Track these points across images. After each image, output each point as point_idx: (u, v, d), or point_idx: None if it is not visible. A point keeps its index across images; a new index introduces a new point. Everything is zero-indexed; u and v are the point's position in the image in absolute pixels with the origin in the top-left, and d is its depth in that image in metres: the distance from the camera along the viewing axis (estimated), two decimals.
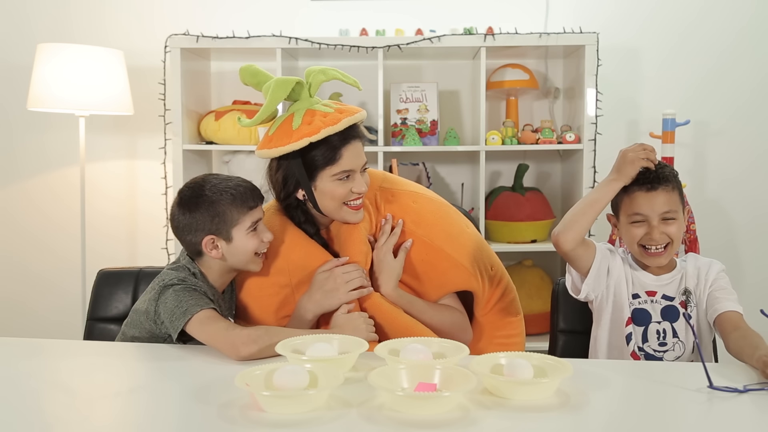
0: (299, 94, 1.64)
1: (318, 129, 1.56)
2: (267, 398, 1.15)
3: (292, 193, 1.65)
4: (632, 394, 1.30)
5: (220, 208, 1.57)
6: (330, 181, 1.60)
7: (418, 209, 1.71)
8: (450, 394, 1.15)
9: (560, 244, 1.63)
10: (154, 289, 1.57)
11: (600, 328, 1.70)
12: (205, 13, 3.22)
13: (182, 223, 1.60)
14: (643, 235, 1.62)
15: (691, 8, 3.14)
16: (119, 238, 3.31)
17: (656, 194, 1.61)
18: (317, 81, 1.65)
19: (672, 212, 1.62)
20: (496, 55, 3.03)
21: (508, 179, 3.20)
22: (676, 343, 1.63)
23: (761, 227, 3.19)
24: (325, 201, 1.62)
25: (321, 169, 1.59)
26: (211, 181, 1.61)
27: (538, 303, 2.93)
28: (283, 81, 1.61)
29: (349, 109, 1.63)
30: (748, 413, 1.19)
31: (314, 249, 1.66)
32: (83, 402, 1.24)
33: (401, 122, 3.02)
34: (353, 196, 1.62)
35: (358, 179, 1.62)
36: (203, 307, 1.50)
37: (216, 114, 2.97)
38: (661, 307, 1.65)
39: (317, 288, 1.60)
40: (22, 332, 3.24)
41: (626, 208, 1.65)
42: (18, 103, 3.20)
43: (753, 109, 3.16)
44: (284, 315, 1.65)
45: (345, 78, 1.68)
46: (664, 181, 1.61)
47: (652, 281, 1.67)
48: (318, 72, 1.65)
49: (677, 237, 1.63)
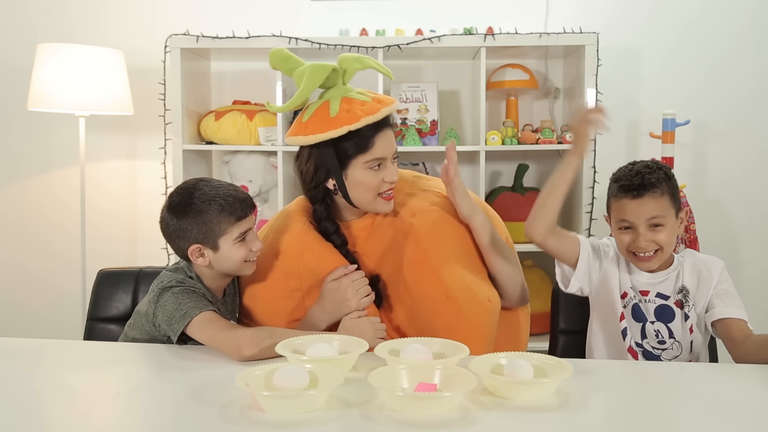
0: (333, 81, 1.61)
1: (358, 117, 1.54)
2: (267, 398, 1.15)
3: (322, 182, 1.62)
4: (632, 394, 1.30)
5: (207, 217, 1.54)
6: (362, 170, 1.58)
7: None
8: (450, 395, 1.15)
9: (531, 236, 1.63)
10: (154, 292, 1.57)
11: (595, 322, 1.70)
12: (205, 13, 3.22)
13: (171, 228, 1.58)
14: (630, 241, 1.60)
15: (691, 8, 3.14)
16: (119, 238, 3.31)
17: (642, 201, 1.58)
18: (353, 69, 1.63)
19: (660, 218, 1.58)
20: (496, 55, 3.03)
21: (508, 179, 3.20)
22: (674, 343, 1.62)
23: (761, 227, 3.19)
24: (357, 191, 1.60)
25: (353, 157, 1.57)
26: (202, 188, 1.57)
27: (538, 303, 2.93)
28: (319, 67, 1.58)
29: (384, 98, 1.61)
30: (749, 413, 1.19)
31: (326, 253, 1.63)
32: (83, 402, 1.24)
33: (401, 122, 3.02)
34: (386, 186, 1.60)
35: (390, 168, 1.61)
36: (203, 309, 1.50)
37: (216, 114, 2.97)
38: (655, 306, 1.63)
39: (330, 299, 1.58)
40: (22, 332, 3.24)
41: (614, 214, 1.63)
42: (18, 103, 3.20)
43: (753, 109, 3.16)
44: (295, 319, 1.63)
45: (379, 67, 1.66)
46: (650, 187, 1.57)
47: (646, 279, 1.65)
48: (353, 60, 1.63)
49: (667, 243, 1.59)
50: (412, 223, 1.64)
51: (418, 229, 1.62)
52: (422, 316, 1.59)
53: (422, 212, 1.66)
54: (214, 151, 3.16)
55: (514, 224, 2.91)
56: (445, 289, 1.58)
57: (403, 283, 1.61)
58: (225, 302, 1.67)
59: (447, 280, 1.58)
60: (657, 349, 1.62)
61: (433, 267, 1.59)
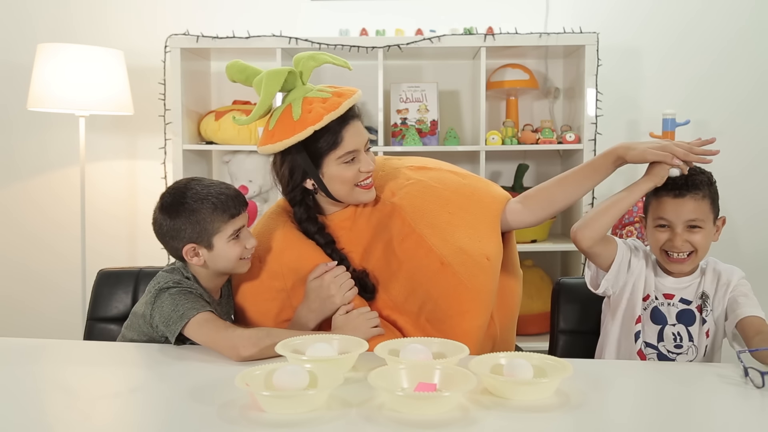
0: (293, 84, 1.62)
1: (320, 116, 1.54)
2: (267, 398, 1.15)
3: (299, 184, 1.63)
4: (632, 394, 1.30)
5: (200, 216, 1.54)
6: (336, 165, 1.59)
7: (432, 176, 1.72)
8: (450, 394, 1.15)
9: (578, 241, 1.61)
10: (150, 293, 1.57)
11: (613, 324, 1.68)
12: (205, 13, 3.22)
13: (164, 228, 1.58)
14: (665, 240, 1.60)
15: (690, 7, 3.14)
16: (119, 238, 3.31)
17: (683, 201, 1.58)
18: (308, 67, 1.63)
19: (698, 221, 1.58)
20: (496, 55, 3.03)
21: (508, 179, 3.19)
22: (690, 347, 1.61)
23: (761, 226, 3.19)
24: (335, 186, 1.61)
25: (326, 154, 1.58)
26: (194, 187, 1.57)
27: (538, 303, 2.93)
28: (275, 72, 1.58)
29: (345, 90, 1.61)
30: (749, 413, 1.19)
31: (307, 250, 1.63)
32: (83, 402, 1.24)
33: (401, 122, 3.02)
34: (362, 176, 1.61)
35: (364, 158, 1.61)
36: (200, 310, 1.50)
37: (216, 114, 2.97)
38: (678, 310, 1.63)
39: (314, 297, 1.58)
40: (22, 332, 3.24)
41: (653, 212, 1.63)
42: (18, 103, 3.20)
43: (752, 109, 3.16)
44: (284, 319, 1.64)
45: (335, 60, 1.65)
46: (693, 188, 1.58)
47: (671, 284, 1.64)
48: (308, 58, 1.63)
49: (702, 246, 1.59)
50: (394, 202, 1.66)
51: (401, 206, 1.64)
52: (421, 288, 1.59)
53: (400, 188, 1.68)
54: (214, 151, 3.16)
55: None
56: (438, 257, 1.58)
57: (396, 260, 1.61)
58: (221, 303, 1.67)
59: (438, 247, 1.59)
60: (672, 352, 1.62)
61: (422, 237, 1.60)
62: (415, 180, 1.70)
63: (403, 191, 1.67)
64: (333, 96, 1.59)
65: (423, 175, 1.71)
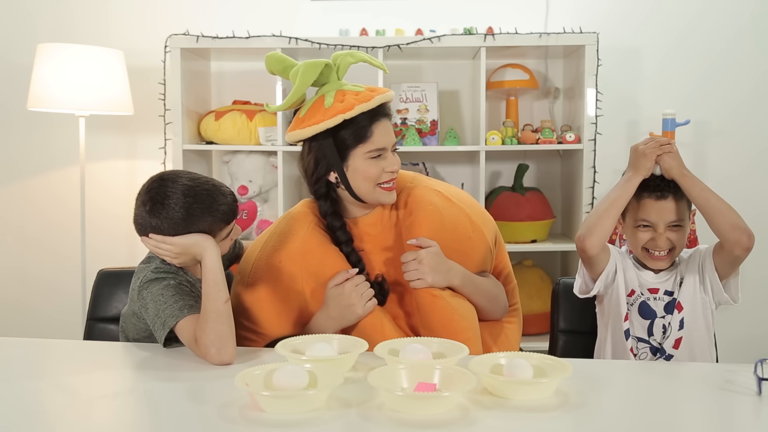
0: (328, 77, 1.63)
1: (351, 106, 1.55)
2: (267, 398, 1.15)
3: (324, 176, 1.62)
4: (632, 394, 1.30)
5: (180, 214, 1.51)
6: (363, 160, 1.59)
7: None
8: (449, 394, 1.15)
9: (586, 249, 1.62)
10: (134, 290, 1.56)
11: (603, 327, 1.72)
12: (205, 13, 3.22)
13: (144, 223, 1.54)
14: (648, 240, 1.64)
15: (690, 7, 3.14)
16: (119, 238, 3.31)
17: (665, 203, 1.62)
18: (345, 63, 1.64)
19: (679, 220, 1.63)
20: (496, 55, 3.03)
21: (508, 179, 3.20)
22: (681, 331, 1.65)
23: (761, 226, 3.18)
24: (357, 182, 1.60)
25: (353, 147, 1.58)
26: (173, 184, 1.52)
27: (538, 303, 2.93)
28: (312, 63, 1.60)
29: (379, 88, 1.63)
30: (749, 412, 1.19)
31: (329, 255, 1.62)
32: (83, 402, 1.24)
33: (401, 122, 3.02)
34: (386, 176, 1.61)
35: (390, 158, 1.62)
36: (178, 318, 1.46)
37: (216, 114, 2.97)
38: (664, 303, 1.67)
39: (334, 305, 1.57)
40: (22, 332, 3.24)
41: (634, 213, 1.66)
42: (18, 103, 3.20)
43: (752, 109, 3.16)
44: (301, 323, 1.63)
45: (372, 61, 1.67)
46: (674, 189, 1.62)
47: (652, 278, 1.69)
48: (346, 54, 1.65)
49: (681, 243, 1.65)
50: (413, 219, 1.65)
51: (418, 225, 1.63)
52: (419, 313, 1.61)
53: (420, 209, 1.66)
54: (214, 151, 3.16)
55: (514, 224, 2.92)
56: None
57: None
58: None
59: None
60: (662, 344, 1.65)
61: None
62: (435, 208, 1.66)
63: (422, 213, 1.65)
64: (366, 90, 1.61)
65: (443, 208, 1.68)
